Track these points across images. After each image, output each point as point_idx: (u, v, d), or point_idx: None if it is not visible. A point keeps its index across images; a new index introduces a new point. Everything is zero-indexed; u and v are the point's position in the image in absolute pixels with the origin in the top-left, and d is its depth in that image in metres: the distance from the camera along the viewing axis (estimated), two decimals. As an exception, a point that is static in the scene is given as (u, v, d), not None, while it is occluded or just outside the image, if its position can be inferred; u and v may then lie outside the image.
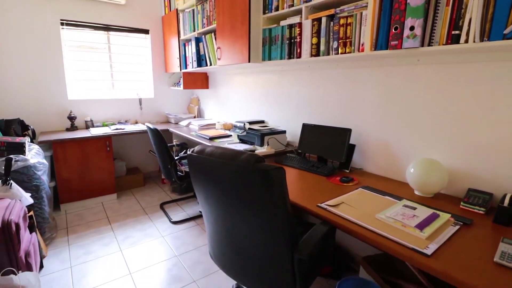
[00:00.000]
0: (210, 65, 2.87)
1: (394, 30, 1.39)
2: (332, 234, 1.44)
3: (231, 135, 2.69)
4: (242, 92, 3.06)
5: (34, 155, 2.29)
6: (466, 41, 1.18)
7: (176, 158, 2.49)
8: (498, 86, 1.31)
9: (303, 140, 2.11)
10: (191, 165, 1.23)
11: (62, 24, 3.09)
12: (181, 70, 3.41)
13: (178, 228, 2.56)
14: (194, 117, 3.94)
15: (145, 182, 3.74)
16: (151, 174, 3.98)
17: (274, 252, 1.12)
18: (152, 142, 2.76)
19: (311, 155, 2.18)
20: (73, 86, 3.28)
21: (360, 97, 1.91)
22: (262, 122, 2.54)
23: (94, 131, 3.05)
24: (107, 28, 3.37)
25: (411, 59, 1.61)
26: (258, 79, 2.80)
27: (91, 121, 3.32)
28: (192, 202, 3.11)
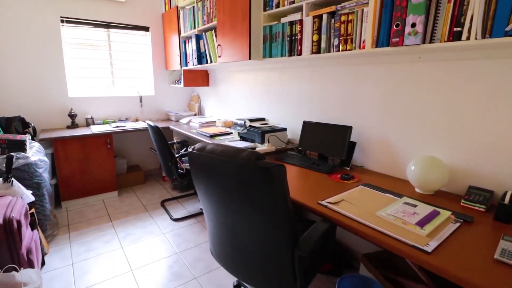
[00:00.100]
0: (211, 62, 2.87)
1: (395, 27, 1.39)
2: (332, 231, 1.45)
3: (232, 133, 2.69)
4: (243, 89, 3.05)
5: (35, 153, 2.29)
6: (468, 38, 1.18)
7: (176, 155, 2.50)
8: (500, 84, 1.31)
9: (304, 137, 2.11)
10: (192, 162, 1.23)
11: (62, 21, 3.08)
12: (181, 68, 3.40)
13: (179, 225, 2.56)
14: (195, 114, 3.94)
15: (145, 179, 3.74)
16: (152, 171, 3.98)
17: (275, 249, 1.12)
18: (152, 139, 2.76)
19: (312, 153, 2.18)
20: (73, 84, 3.28)
21: (361, 94, 1.91)
22: (263, 119, 2.54)
23: (95, 129, 3.05)
24: (107, 25, 3.36)
25: (412, 56, 1.60)
26: (258, 77, 2.79)
27: (92, 118, 3.32)
28: (192, 200, 3.12)
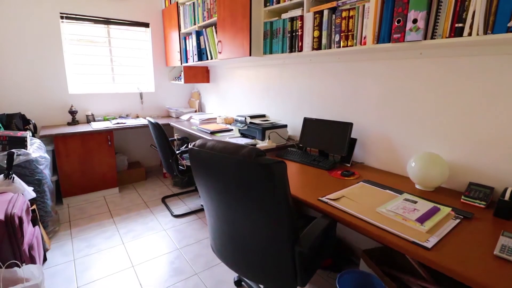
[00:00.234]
0: (211, 58, 2.86)
1: (396, 23, 1.38)
2: (333, 227, 1.45)
3: (232, 129, 2.69)
4: (243, 86, 3.05)
5: (36, 149, 2.29)
6: (470, 34, 1.17)
7: (177, 152, 2.50)
8: (501, 80, 1.30)
9: (304, 134, 2.11)
10: (193, 159, 1.23)
11: (62, 17, 3.07)
12: (181, 64, 3.39)
13: (179, 221, 2.57)
14: (195, 111, 3.93)
15: (146, 176, 3.75)
16: (153, 168, 3.99)
17: (275, 245, 1.13)
18: (153, 136, 2.76)
19: (312, 149, 2.18)
20: (73, 80, 3.27)
21: (361, 91, 1.90)
22: (263, 116, 2.54)
23: (95, 125, 3.05)
24: (107, 21, 3.35)
25: (414, 53, 1.59)
26: (259, 73, 2.78)
27: (92, 115, 3.32)
28: (193, 196, 3.13)
